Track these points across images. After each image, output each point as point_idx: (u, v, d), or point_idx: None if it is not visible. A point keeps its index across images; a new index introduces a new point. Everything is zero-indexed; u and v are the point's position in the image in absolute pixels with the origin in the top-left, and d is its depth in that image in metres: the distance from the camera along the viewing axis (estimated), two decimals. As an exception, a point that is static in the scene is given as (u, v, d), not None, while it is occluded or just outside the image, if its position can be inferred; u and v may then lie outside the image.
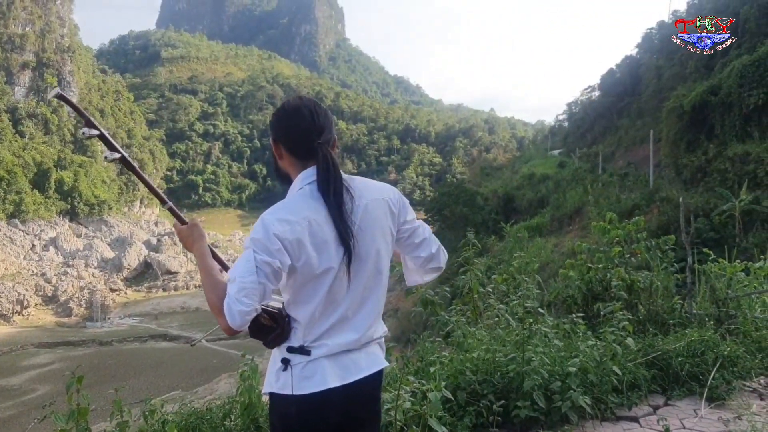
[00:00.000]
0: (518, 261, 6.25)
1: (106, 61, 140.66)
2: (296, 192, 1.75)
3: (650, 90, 41.44)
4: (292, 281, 1.67)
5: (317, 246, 1.65)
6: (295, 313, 1.72)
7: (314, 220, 1.66)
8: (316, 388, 1.66)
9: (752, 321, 4.97)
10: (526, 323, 4.19)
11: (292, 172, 1.83)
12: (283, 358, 1.70)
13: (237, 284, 1.58)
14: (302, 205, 1.69)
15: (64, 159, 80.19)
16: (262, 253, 1.59)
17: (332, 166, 1.73)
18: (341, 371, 1.71)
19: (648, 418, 3.65)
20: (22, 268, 62.92)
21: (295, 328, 1.72)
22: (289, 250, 1.62)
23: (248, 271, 1.58)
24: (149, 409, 3.38)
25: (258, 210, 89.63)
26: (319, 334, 1.70)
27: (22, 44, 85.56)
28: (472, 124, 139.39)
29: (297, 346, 1.70)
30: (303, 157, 1.78)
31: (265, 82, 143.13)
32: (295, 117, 1.79)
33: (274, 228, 1.61)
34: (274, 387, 1.71)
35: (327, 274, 1.67)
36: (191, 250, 1.83)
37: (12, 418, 27.42)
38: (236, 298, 1.56)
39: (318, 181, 1.72)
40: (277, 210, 1.68)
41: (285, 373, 1.69)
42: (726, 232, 14.47)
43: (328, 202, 1.68)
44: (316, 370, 1.68)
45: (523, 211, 34.38)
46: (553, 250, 21.66)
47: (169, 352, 42.58)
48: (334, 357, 1.71)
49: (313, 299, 1.69)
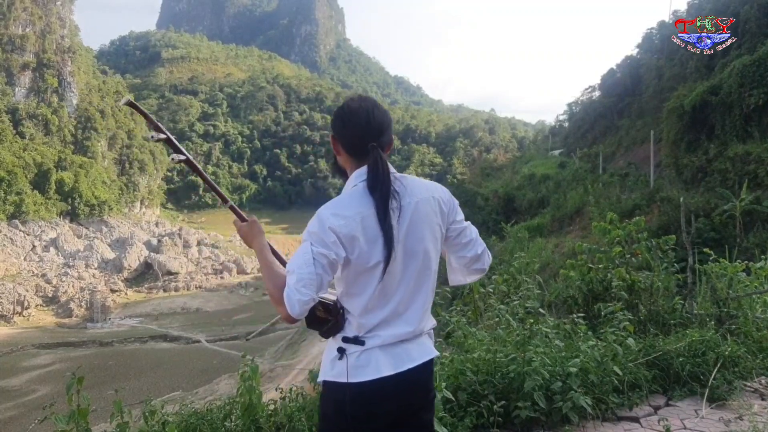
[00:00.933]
0: (519, 261, 6.26)
1: (107, 62, 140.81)
2: (351, 189, 1.84)
3: (651, 90, 41.42)
4: (346, 273, 1.77)
5: (369, 240, 1.74)
6: (348, 304, 1.81)
7: (367, 216, 1.75)
8: (370, 376, 1.75)
9: (753, 321, 4.96)
10: (527, 323, 4.18)
11: (348, 169, 1.92)
12: (338, 348, 1.79)
13: (296, 275, 1.67)
14: (356, 201, 1.78)
15: (65, 160, 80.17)
16: (319, 245, 1.70)
17: (381, 168, 1.80)
18: (394, 361, 1.80)
19: (649, 419, 3.65)
20: (23, 269, 62.95)
21: (349, 320, 1.81)
22: (344, 243, 1.72)
23: (306, 263, 1.68)
24: (149, 410, 3.39)
25: (259, 210, 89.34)
26: (373, 326, 1.79)
27: (23, 45, 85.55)
28: (473, 125, 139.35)
29: (352, 336, 1.79)
30: (358, 156, 1.87)
31: (265, 82, 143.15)
32: (353, 118, 1.87)
33: (329, 222, 1.72)
34: (329, 375, 1.80)
35: (377, 267, 1.76)
36: (252, 246, 1.92)
37: (12, 419, 27.41)
38: (295, 289, 1.65)
39: (368, 180, 1.80)
40: (332, 205, 1.79)
41: (340, 362, 1.78)
42: (727, 232, 14.45)
43: (376, 201, 1.77)
44: (369, 360, 1.77)
45: (524, 212, 34.35)
46: (553, 250, 21.64)
47: (170, 352, 42.58)
48: (387, 347, 1.80)
49: (365, 291, 1.78)
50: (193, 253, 78.50)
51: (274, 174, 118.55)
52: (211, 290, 68.79)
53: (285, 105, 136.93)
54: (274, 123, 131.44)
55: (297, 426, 3.30)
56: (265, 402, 3.53)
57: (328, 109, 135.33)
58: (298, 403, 3.62)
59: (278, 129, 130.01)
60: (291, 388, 3.94)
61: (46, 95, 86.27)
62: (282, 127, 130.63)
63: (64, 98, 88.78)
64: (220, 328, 50.00)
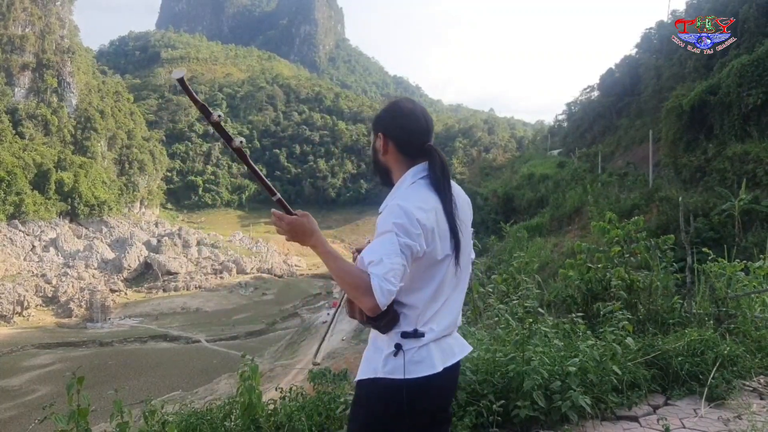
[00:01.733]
0: (518, 261, 6.26)
1: (106, 62, 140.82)
2: (409, 185, 1.85)
3: (649, 90, 41.40)
4: (416, 266, 1.75)
5: (441, 234, 1.78)
6: (409, 298, 1.78)
7: (439, 211, 1.79)
8: (427, 371, 1.76)
9: (752, 320, 4.97)
10: (526, 323, 4.19)
11: (397, 167, 1.93)
12: (396, 343, 1.77)
13: (385, 265, 1.63)
14: (428, 196, 1.80)
15: (64, 160, 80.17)
16: (405, 236, 1.68)
17: (445, 166, 1.88)
18: (443, 355, 1.83)
19: (648, 418, 3.65)
20: (23, 269, 62.95)
21: (406, 314, 1.78)
22: (426, 236, 1.73)
23: (393, 253, 1.65)
24: (149, 410, 3.39)
25: (258, 210, 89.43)
26: (428, 318, 1.81)
27: (22, 45, 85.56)
28: (472, 125, 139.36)
29: (411, 330, 1.77)
30: (413, 155, 1.90)
31: (264, 82, 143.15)
32: (412, 119, 1.90)
33: (417, 214, 1.71)
34: (380, 372, 1.77)
35: (445, 260, 1.81)
36: (308, 242, 1.78)
37: (12, 418, 27.43)
38: (384, 278, 1.62)
39: (433, 177, 1.84)
40: (412, 199, 1.77)
41: (396, 358, 1.76)
42: (725, 232, 14.44)
43: (443, 195, 1.82)
44: (426, 355, 1.78)
45: (523, 211, 34.38)
46: (552, 249, 21.65)
47: (170, 352, 42.60)
48: (438, 341, 1.83)
49: (429, 284, 1.80)
50: (192, 253, 78.51)
51: (274, 174, 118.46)
52: (210, 290, 68.82)
53: (284, 105, 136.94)
54: (274, 123, 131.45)
55: (297, 426, 3.30)
56: (264, 402, 3.53)
57: (328, 109, 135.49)
58: (297, 403, 3.63)
59: (277, 129, 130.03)
60: (291, 387, 3.95)
61: (46, 95, 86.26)
62: (281, 127, 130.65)
63: (63, 98, 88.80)
64: (220, 328, 50.03)
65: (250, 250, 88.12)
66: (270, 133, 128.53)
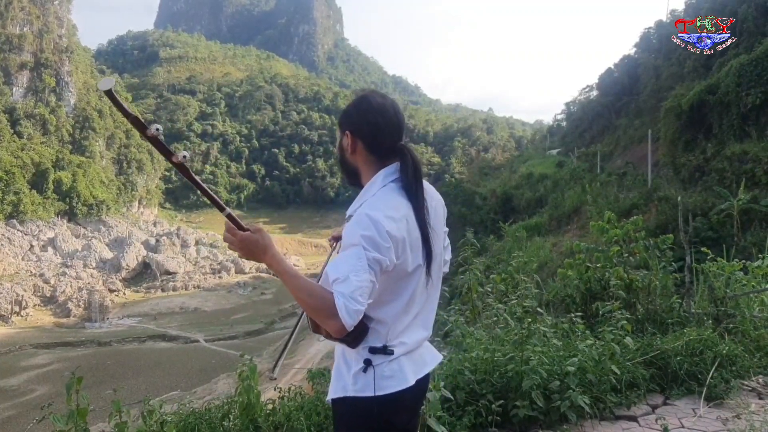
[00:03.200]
0: (517, 260, 6.27)
1: (105, 62, 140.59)
2: (380, 189, 1.72)
3: (648, 89, 41.41)
4: (385, 279, 1.63)
5: (412, 244, 1.66)
6: (378, 312, 1.67)
7: (410, 219, 1.66)
8: (398, 386, 1.67)
9: (751, 320, 4.97)
10: (525, 323, 4.19)
11: (366, 168, 1.80)
12: (365, 359, 1.67)
13: (351, 283, 1.51)
14: (399, 202, 1.67)
15: (63, 159, 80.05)
16: (373, 250, 1.55)
17: (417, 168, 1.74)
18: (414, 367, 1.74)
19: (647, 418, 3.66)
20: (21, 269, 62.85)
21: (376, 329, 1.68)
22: (397, 248, 1.60)
23: (361, 269, 1.53)
24: (148, 410, 3.38)
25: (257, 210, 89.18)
26: (399, 332, 1.71)
27: (20, 44, 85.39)
28: (471, 124, 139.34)
29: (380, 346, 1.67)
30: (383, 155, 1.77)
31: (263, 82, 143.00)
32: (382, 114, 1.76)
33: (386, 225, 1.58)
34: (350, 390, 1.68)
35: (416, 272, 1.69)
36: (262, 259, 1.62)
37: (11, 418, 27.40)
38: (351, 297, 1.50)
39: (405, 181, 1.71)
40: (381, 207, 1.63)
41: (366, 375, 1.66)
42: (724, 232, 14.43)
43: (415, 202, 1.69)
44: (396, 369, 1.68)
45: (522, 211, 34.35)
46: (551, 249, 21.62)
47: (168, 352, 42.57)
48: (409, 354, 1.74)
49: (399, 297, 1.69)
50: (191, 252, 78.44)
51: (272, 173, 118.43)
52: (209, 290, 68.74)
53: (283, 104, 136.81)
54: (272, 122, 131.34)
55: (295, 425, 3.30)
56: (263, 401, 3.53)
57: (326, 108, 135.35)
58: (296, 403, 3.63)
59: (276, 128, 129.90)
60: (289, 387, 3.94)
61: (44, 95, 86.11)
62: (280, 126, 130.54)
63: (61, 98, 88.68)
64: (219, 328, 49.97)
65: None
66: (269, 133, 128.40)
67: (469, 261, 5.34)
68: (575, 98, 69.88)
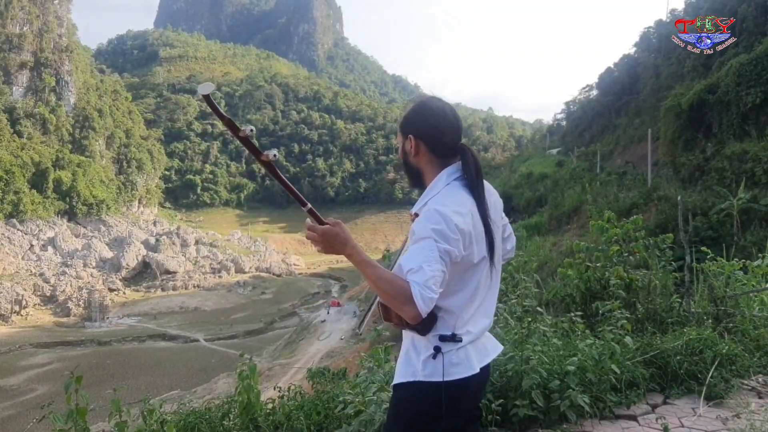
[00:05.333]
0: (516, 260, 6.26)
1: (104, 61, 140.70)
2: (445, 187, 1.83)
3: (648, 89, 41.42)
4: (452, 270, 1.72)
5: (477, 237, 1.77)
6: (447, 301, 1.76)
7: (475, 213, 1.78)
8: (465, 373, 1.77)
9: (750, 319, 4.96)
10: (525, 322, 4.19)
11: (429, 168, 1.91)
12: (435, 346, 1.76)
13: (425, 272, 1.61)
14: (464, 198, 1.79)
15: (62, 159, 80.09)
16: (444, 242, 1.66)
17: (478, 166, 1.87)
18: (479, 355, 1.84)
19: (646, 417, 3.65)
20: (21, 268, 62.87)
21: (444, 317, 1.77)
22: (464, 240, 1.72)
23: (433, 259, 1.63)
24: (148, 409, 3.38)
25: (257, 210, 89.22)
26: (466, 321, 1.80)
27: (20, 44, 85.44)
28: (471, 124, 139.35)
29: (449, 334, 1.77)
30: (445, 155, 1.89)
31: (263, 81, 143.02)
32: (442, 118, 1.89)
33: (454, 219, 1.69)
34: (419, 375, 1.76)
35: (481, 263, 1.80)
36: (343, 251, 1.70)
37: (11, 418, 27.42)
38: (426, 286, 1.59)
39: (467, 178, 1.83)
40: (448, 203, 1.75)
41: (435, 361, 1.75)
42: (724, 231, 14.43)
43: (478, 197, 1.81)
44: (463, 357, 1.78)
45: (522, 210, 34.39)
46: (551, 249, 21.64)
47: (168, 351, 42.59)
48: (474, 343, 1.84)
49: (466, 288, 1.80)
50: (191, 252, 78.45)
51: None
52: (209, 289, 68.78)
53: (283, 104, 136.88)
54: (272, 122, 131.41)
55: (295, 425, 3.30)
56: (263, 401, 3.53)
57: (326, 108, 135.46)
58: (296, 402, 3.63)
59: (276, 128, 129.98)
60: (289, 386, 3.95)
61: (44, 94, 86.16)
62: (280, 126, 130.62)
63: (61, 97, 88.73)
64: (218, 327, 50.00)
65: (248, 249, 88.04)
66: (268, 132, 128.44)
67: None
68: (575, 98, 69.91)
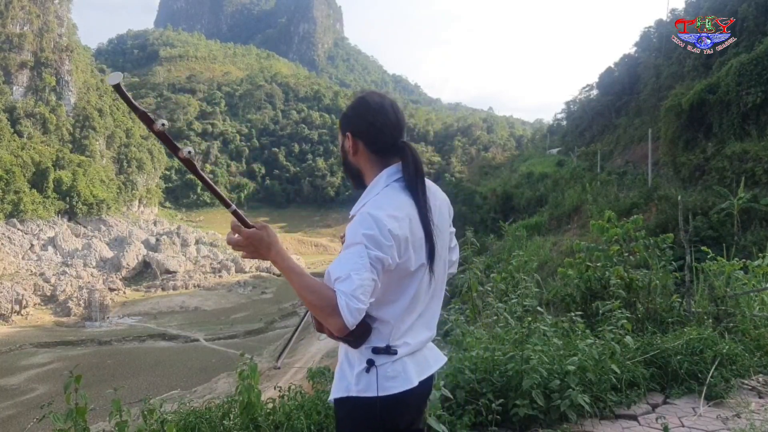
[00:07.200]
0: (517, 260, 6.27)
1: (105, 61, 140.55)
2: (383, 189, 1.72)
3: (648, 89, 41.44)
4: (387, 278, 1.62)
5: (415, 243, 1.65)
6: (381, 312, 1.66)
7: (414, 218, 1.66)
8: (402, 387, 1.66)
9: (751, 319, 4.97)
10: (525, 322, 4.19)
11: (368, 168, 1.80)
12: (368, 359, 1.66)
13: (353, 281, 1.51)
14: (402, 201, 1.67)
15: (63, 158, 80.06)
16: (375, 249, 1.55)
17: (419, 166, 1.74)
18: (418, 368, 1.73)
19: (647, 417, 3.66)
20: (21, 268, 62.87)
21: (379, 329, 1.67)
22: (399, 247, 1.60)
23: (363, 267, 1.53)
24: (148, 409, 3.38)
25: (257, 209, 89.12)
26: (402, 332, 1.69)
27: (20, 44, 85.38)
28: (471, 123, 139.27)
29: (383, 346, 1.66)
30: (384, 154, 1.77)
31: (263, 81, 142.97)
32: (381, 114, 1.76)
33: (388, 224, 1.58)
34: (353, 390, 1.66)
35: (419, 271, 1.68)
36: (267, 256, 1.62)
37: (11, 417, 27.41)
38: (353, 296, 1.50)
39: (407, 179, 1.71)
40: (384, 206, 1.63)
41: (368, 375, 1.65)
42: (724, 231, 14.43)
43: (418, 200, 1.68)
44: (400, 370, 1.67)
45: (522, 210, 34.38)
46: (551, 248, 21.63)
47: (168, 351, 42.56)
48: (413, 355, 1.72)
49: (402, 297, 1.68)
50: (191, 251, 78.41)
51: (273, 173, 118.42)
52: (209, 289, 68.73)
53: (283, 104, 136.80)
54: (273, 122, 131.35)
55: (295, 424, 3.30)
56: (263, 401, 3.53)
57: (326, 107, 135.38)
58: (296, 402, 3.63)
59: (276, 128, 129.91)
60: (289, 386, 3.94)
61: (44, 94, 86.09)
62: (280, 125, 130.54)
63: (62, 97, 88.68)
64: (219, 327, 49.96)
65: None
66: (269, 132, 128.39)
67: (469, 260, 5.34)
68: (575, 97, 70.03)
